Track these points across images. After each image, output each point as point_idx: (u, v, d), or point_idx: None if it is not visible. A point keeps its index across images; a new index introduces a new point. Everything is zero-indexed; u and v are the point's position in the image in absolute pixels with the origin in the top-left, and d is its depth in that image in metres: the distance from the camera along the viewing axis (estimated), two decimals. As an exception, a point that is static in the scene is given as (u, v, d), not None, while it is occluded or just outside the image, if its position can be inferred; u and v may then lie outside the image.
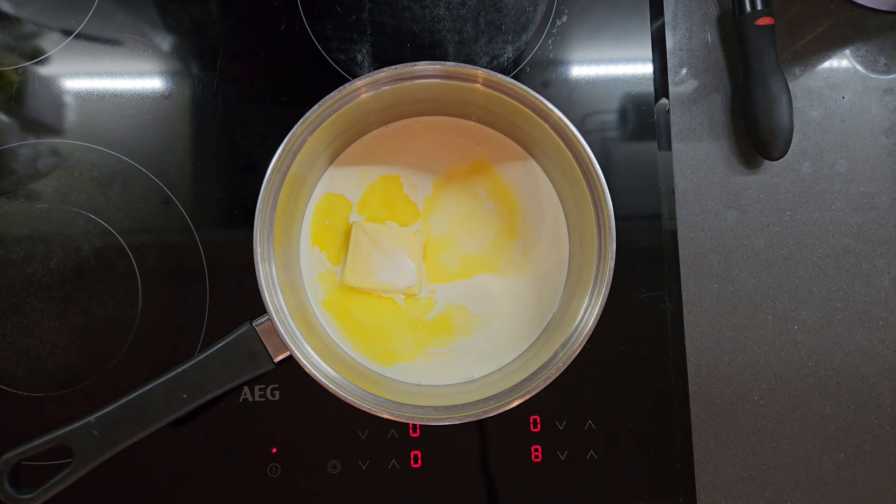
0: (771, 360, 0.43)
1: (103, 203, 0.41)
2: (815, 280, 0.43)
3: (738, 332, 0.43)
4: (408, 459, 0.40)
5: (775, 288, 0.43)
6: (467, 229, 0.40)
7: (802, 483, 0.42)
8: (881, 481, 0.42)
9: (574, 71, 0.43)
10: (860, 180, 0.43)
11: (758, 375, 0.42)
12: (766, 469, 0.42)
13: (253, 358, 0.37)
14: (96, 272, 0.41)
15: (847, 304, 0.43)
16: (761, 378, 0.42)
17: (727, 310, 0.43)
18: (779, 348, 0.43)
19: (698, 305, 0.43)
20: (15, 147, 0.42)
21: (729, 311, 0.43)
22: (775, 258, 0.43)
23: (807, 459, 0.42)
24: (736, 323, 0.43)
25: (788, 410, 0.42)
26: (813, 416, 0.42)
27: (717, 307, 0.43)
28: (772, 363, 0.42)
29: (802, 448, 0.42)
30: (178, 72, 0.42)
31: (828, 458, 0.42)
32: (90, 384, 0.40)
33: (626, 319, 0.41)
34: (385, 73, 0.35)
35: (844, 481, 0.42)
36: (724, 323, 0.43)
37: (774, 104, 0.41)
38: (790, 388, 0.42)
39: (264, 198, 0.35)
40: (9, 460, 0.35)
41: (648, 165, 0.42)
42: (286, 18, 0.43)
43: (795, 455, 0.42)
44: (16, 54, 0.42)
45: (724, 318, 0.43)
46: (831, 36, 0.44)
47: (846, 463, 0.42)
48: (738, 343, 0.43)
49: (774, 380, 0.42)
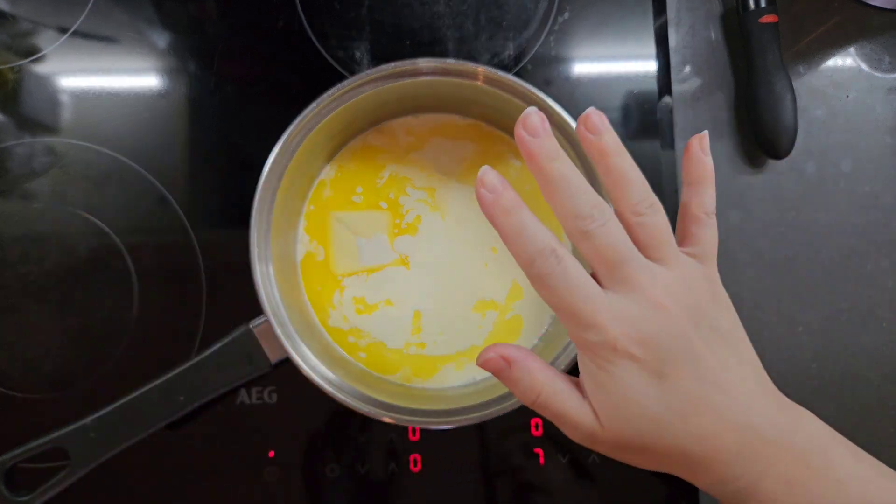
0: (775, 362, 0.42)
1: (99, 202, 0.41)
2: (820, 281, 0.42)
3: (742, 333, 0.42)
4: (407, 463, 0.40)
5: (779, 289, 0.42)
6: (467, 228, 0.40)
7: (806, 486, 0.42)
8: (885, 484, 0.42)
9: (576, 68, 0.42)
10: (865, 180, 0.43)
11: (761, 377, 0.42)
12: (769, 472, 0.42)
13: (250, 360, 0.36)
14: (92, 272, 0.41)
15: (852, 305, 0.42)
16: (765, 380, 0.42)
17: (730, 311, 0.42)
18: (782, 350, 0.42)
19: (701, 306, 0.42)
20: (10, 146, 0.41)
21: (732, 312, 0.42)
22: (779, 258, 0.43)
23: (810, 462, 0.42)
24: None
25: (792, 412, 0.42)
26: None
27: (720, 308, 0.42)
28: (775, 364, 0.42)
29: (806, 450, 0.42)
30: (175, 70, 0.42)
31: (831, 460, 0.42)
32: (86, 386, 0.40)
33: (628, 320, 0.40)
34: (384, 71, 0.35)
35: (848, 484, 0.42)
36: (727, 324, 0.42)
37: (778, 103, 0.41)
38: (794, 389, 0.42)
39: (261, 197, 0.35)
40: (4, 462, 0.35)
41: (651, 164, 0.42)
42: (284, 16, 0.42)
43: (799, 457, 0.42)
44: (11, 52, 0.42)
45: (727, 320, 0.42)
46: (835, 34, 0.44)
47: (850, 465, 0.42)
48: (742, 344, 0.42)
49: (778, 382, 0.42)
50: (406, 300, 0.40)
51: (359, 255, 0.40)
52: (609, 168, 0.25)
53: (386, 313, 0.40)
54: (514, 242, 0.24)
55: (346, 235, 0.40)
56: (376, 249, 0.40)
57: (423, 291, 0.40)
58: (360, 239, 0.40)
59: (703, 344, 0.24)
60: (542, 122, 0.25)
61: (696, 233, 0.27)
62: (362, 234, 0.40)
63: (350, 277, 0.40)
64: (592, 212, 0.24)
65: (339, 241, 0.40)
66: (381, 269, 0.40)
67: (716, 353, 0.25)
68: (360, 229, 0.40)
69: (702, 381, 0.24)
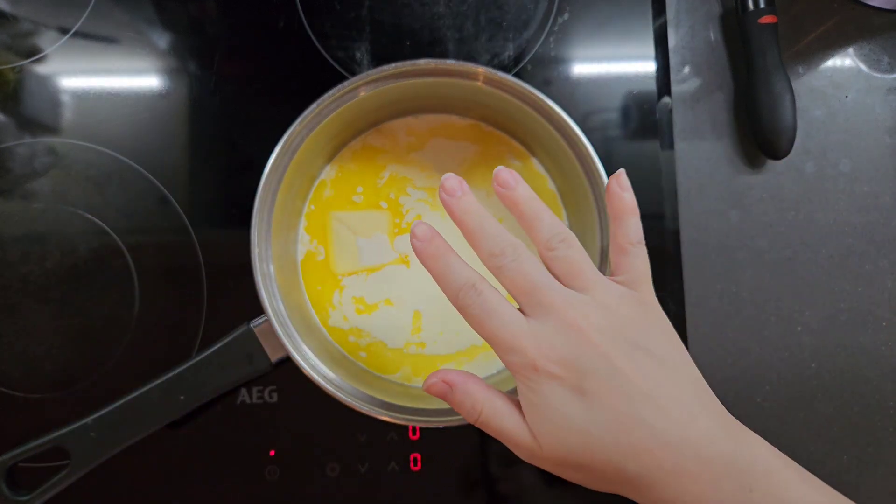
0: (774, 362, 0.42)
1: (100, 202, 0.41)
2: (819, 281, 0.43)
3: (741, 333, 0.42)
4: (407, 462, 0.40)
5: (779, 289, 0.42)
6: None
7: (805, 485, 0.42)
8: (885, 484, 0.42)
9: (576, 69, 0.42)
10: (864, 180, 0.43)
11: (760, 377, 0.42)
12: (768, 471, 0.42)
13: (251, 360, 0.36)
14: (93, 272, 0.41)
15: (851, 305, 0.42)
16: (764, 379, 0.42)
17: (730, 311, 0.42)
18: (782, 349, 0.42)
19: (701, 306, 0.42)
20: (11, 146, 0.41)
21: (732, 311, 0.42)
22: (778, 258, 0.43)
23: (809, 461, 0.42)
24: (739, 324, 0.42)
25: (791, 412, 0.42)
26: (816, 418, 0.42)
27: (719, 308, 0.42)
28: (775, 365, 0.42)
29: (805, 450, 0.42)
30: (176, 70, 0.42)
31: (831, 460, 0.42)
32: (87, 385, 0.40)
33: (628, 320, 0.40)
34: (384, 71, 0.35)
35: (847, 483, 0.42)
36: (726, 324, 0.42)
37: (777, 103, 0.41)
38: (793, 389, 0.42)
39: (262, 197, 0.35)
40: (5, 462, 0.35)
41: (651, 164, 0.42)
42: (284, 16, 0.42)
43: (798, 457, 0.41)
44: (12, 53, 0.42)
45: (727, 319, 0.42)
46: (835, 34, 0.44)
47: (849, 465, 0.42)
48: (741, 344, 0.42)
49: (777, 381, 0.42)
50: (406, 300, 0.40)
51: (359, 255, 0.40)
52: (522, 213, 0.28)
53: (386, 313, 0.40)
54: (441, 281, 0.28)
55: (347, 235, 0.40)
56: (376, 249, 0.40)
57: (424, 291, 0.40)
58: (361, 239, 0.40)
59: (626, 361, 0.25)
60: (460, 184, 0.28)
61: (624, 262, 0.29)
62: (362, 234, 0.40)
63: (350, 277, 0.40)
64: (505, 249, 0.27)
65: (339, 241, 0.40)
66: (381, 268, 0.40)
67: (643, 371, 0.25)
68: (360, 229, 0.40)
69: (629, 397, 0.25)
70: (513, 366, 0.26)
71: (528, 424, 0.26)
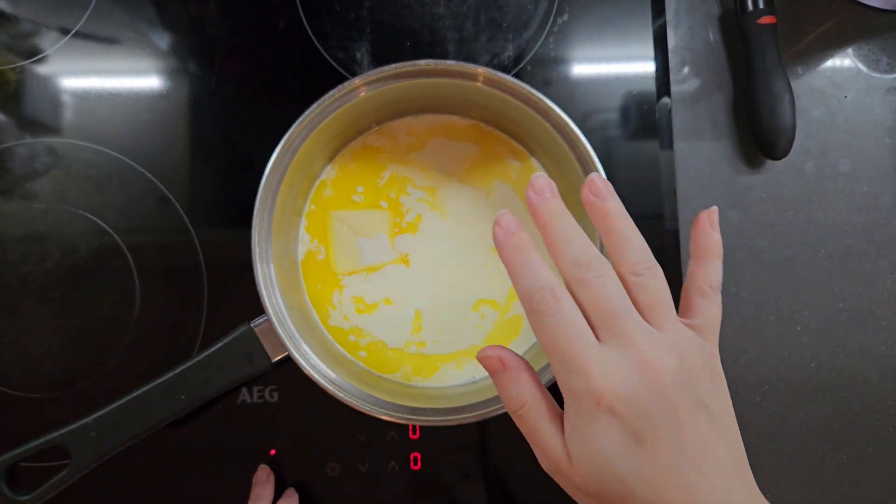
0: (773, 362, 0.42)
1: (100, 202, 0.41)
2: (819, 281, 0.43)
3: (741, 332, 0.42)
4: (407, 461, 0.40)
5: (778, 288, 0.43)
6: (467, 227, 0.40)
7: (804, 484, 0.42)
8: (884, 483, 0.42)
9: (575, 69, 0.43)
10: (863, 180, 0.43)
11: (760, 376, 0.42)
12: (768, 470, 0.42)
13: (251, 359, 0.36)
14: (93, 272, 0.41)
15: (850, 305, 0.42)
16: (764, 379, 0.42)
17: (729, 311, 0.42)
18: (781, 349, 0.42)
19: (700, 306, 0.42)
20: (12, 146, 0.41)
21: (731, 311, 0.42)
22: (778, 258, 0.43)
23: (809, 461, 0.42)
24: (738, 324, 0.42)
25: (791, 412, 0.42)
26: (815, 417, 0.42)
27: (719, 308, 0.42)
28: (774, 364, 0.42)
29: (805, 449, 0.42)
30: (176, 70, 0.42)
31: (830, 459, 0.42)
32: (87, 385, 0.40)
33: (628, 320, 0.40)
34: (384, 72, 0.35)
35: (847, 483, 0.42)
36: (726, 324, 0.42)
37: (777, 103, 0.41)
38: (793, 389, 0.42)
39: (262, 197, 0.35)
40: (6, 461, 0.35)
41: (650, 164, 0.42)
42: (285, 17, 0.42)
43: (797, 456, 0.42)
44: (13, 53, 0.42)
45: (727, 319, 0.42)
46: (834, 35, 0.44)
47: (849, 464, 0.42)
48: (741, 344, 0.42)
49: (777, 381, 0.42)
50: (406, 299, 0.40)
51: (359, 255, 0.40)
52: (610, 229, 0.26)
53: (386, 312, 0.40)
54: (517, 277, 0.25)
55: (347, 235, 0.40)
56: (377, 248, 0.40)
57: (424, 290, 0.40)
58: (361, 238, 0.40)
59: (688, 417, 0.24)
60: (550, 185, 0.26)
61: (699, 305, 0.27)
62: (363, 234, 0.40)
63: (350, 276, 0.40)
64: (591, 262, 0.25)
65: (339, 241, 0.40)
66: (381, 267, 0.40)
67: (699, 431, 0.24)
68: (360, 228, 0.40)
69: (679, 455, 0.23)
70: (571, 389, 0.24)
71: (564, 441, 0.25)
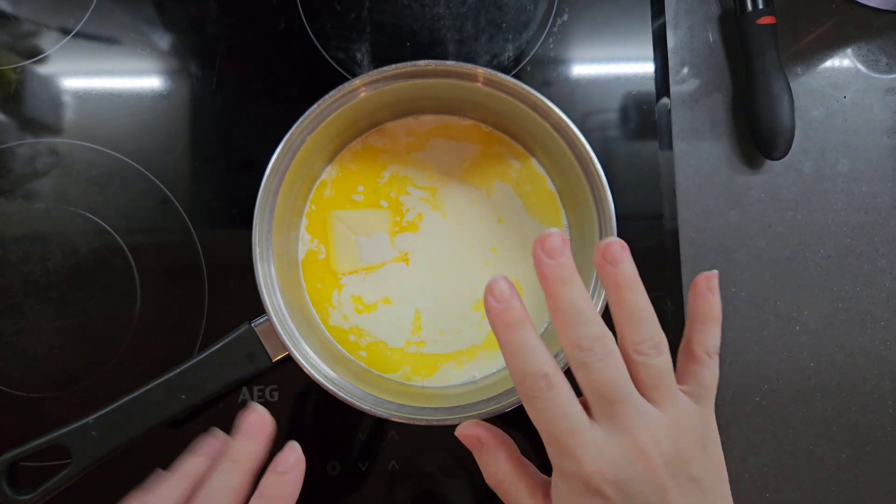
0: (772, 362, 0.42)
1: (101, 202, 0.41)
2: (818, 281, 0.43)
3: (740, 332, 0.42)
4: (408, 461, 0.40)
5: (777, 289, 0.43)
6: (467, 227, 0.40)
7: (804, 484, 0.42)
8: (883, 482, 0.42)
9: (575, 70, 0.43)
10: (862, 180, 0.43)
11: (759, 376, 0.42)
12: (767, 470, 0.42)
13: (251, 359, 0.36)
14: (94, 272, 0.41)
15: (849, 304, 0.43)
16: (763, 379, 0.42)
17: (729, 311, 0.42)
18: (780, 349, 0.42)
19: (700, 306, 0.42)
20: (13, 146, 0.41)
21: (731, 311, 0.42)
22: (777, 259, 0.43)
23: (808, 460, 0.42)
24: (738, 324, 0.42)
25: (790, 411, 0.42)
26: (815, 417, 0.42)
27: (718, 308, 0.42)
28: (773, 364, 0.42)
29: (804, 449, 0.42)
30: (177, 71, 0.42)
31: (830, 459, 0.42)
32: (88, 385, 0.40)
33: (627, 320, 0.41)
34: (385, 72, 0.35)
35: (846, 482, 0.42)
36: (725, 324, 0.42)
37: (776, 103, 0.41)
38: (792, 389, 0.42)
39: (263, 197, 0.35)
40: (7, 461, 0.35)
41: (650, 165, 0.42)
42: (285, 17, 0.43)
43: (797, 456, 0.42)
44: (14, 53, 0.42)
45: (726, 319, 0.42)
46: (833, 35, 0.44)
47: (848, 464, 0.42)
48: (740, 344, 0.42)
49: (776, 381, 0.42)
50: (406, 299, 0.40)
51: (359, 254, 0.40)
52: (620, 300, 0.26)
53: (386, 312, 0.40)
54: (510, 357, 0.25)
55: (347, 234, 0.40)
56: (377, 247, 0.40)
57: (424, 290, 0.40)
58: (361, 237, 0.40)
59: (678, 497, 0.24)
60: (563, 244, 0.25)
61: (695, 371, 0.27)
62: (363, 233, 0.40)
63: (350, 276, 0.40)
64: (594, 345, 0.24)
65: (340, 240, 0.40)
66: (381, 266, 0.40)
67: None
68: (360, 228, 0.40)
69: None
70: (562, 469, 0.25)
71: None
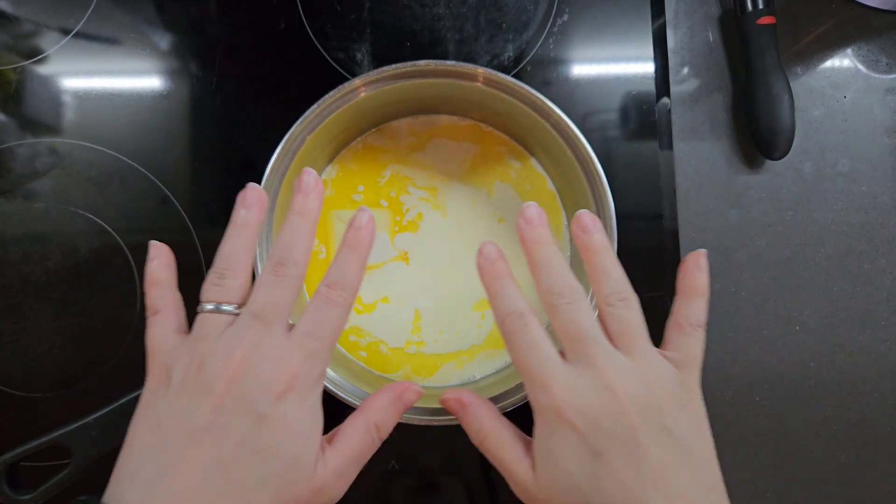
0: (773, 361, 0.42)
1: (101, 202, 0.41)
2: (818, 280, 0.43)
3: (740, 332, 0.42)
4: (408, 461, 0.40)
5: (777, 288, 0.43)
6: (468, 227, 0.40)
7: (804, 484, 0.42)
8: (883, 482, 0.42)
9: (575, 70, 0.43)
10: (862, 180, 0.43)
11: (759, 376, 0.42)
12: (767, 470, 0.42)
13: (252, 358, 0.36)
14: (94, 272, 0.41)
15: (849, 304, 0.43)
16: (763, 379, 0.42)
17: (729, 310, 0.42)
18: (781, 349, 0.42)
19: (700, 306, 0.42)
20: (13, 146, 0.41)
21: (731, 311, 0.42)
22: (777, 258, 0.43)
23: (809, 460, 0.42)
24: (738, 323, 0.42)
25: (790, 411, 0.42)
26: (815, 416, 0.42)
27: (718, 308, 0.42)
28: (774, 364, 0.42)
29: (804, 449, 0.42)
30: (177, 71, 0.42)
31: (830, 458, 0.42)
32: (88, 385, 0.40)
33: (628, 320, 0.41)
34: (385, 72, 0.35)
35: (846, 482, 0.42)
36: (725, 323, 0.42)
37: (776, 103, 0.41)
38: (792, 388, 0.42)
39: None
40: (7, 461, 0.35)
41: (650, 165, 0.42)
42: (285, 17, 0.43)
43: (797, 456, 0.42)
44: (14, 53, 0.42)
45: (726, 319, 0.42)
46: (833, 35, 0.44)
47: (848, 464, 0.42)
48: (740, 344, 0.42)
49: (776, 380, 0.42)
50: (406, 298, 0.40)
51: None
52: (591, 262, 0.28)
53: (386, 312, 0.40)
54: (493, 301, 0.28)
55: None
56: (377, 247, 0.40)
57: (423, 290, 0.40)
58: None
59: (650, 440, 0.24)
60: (539, 215, 0.29)
61: (678, 340, 0.28)
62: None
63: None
64: (563, 290, 0.27)
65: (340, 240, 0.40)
66: (381, 265, 0.40)
67: (664, 457, 0.24)
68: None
69: (640, 475, 0.24)
70: (538, 405, 0.26)
71: (532, 462, 0.27)
